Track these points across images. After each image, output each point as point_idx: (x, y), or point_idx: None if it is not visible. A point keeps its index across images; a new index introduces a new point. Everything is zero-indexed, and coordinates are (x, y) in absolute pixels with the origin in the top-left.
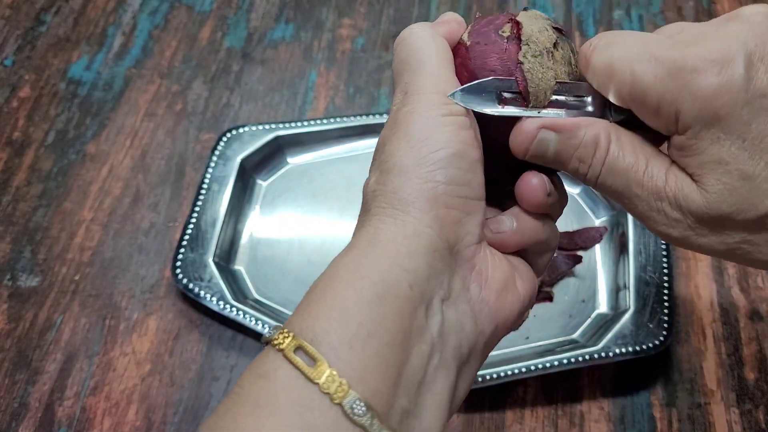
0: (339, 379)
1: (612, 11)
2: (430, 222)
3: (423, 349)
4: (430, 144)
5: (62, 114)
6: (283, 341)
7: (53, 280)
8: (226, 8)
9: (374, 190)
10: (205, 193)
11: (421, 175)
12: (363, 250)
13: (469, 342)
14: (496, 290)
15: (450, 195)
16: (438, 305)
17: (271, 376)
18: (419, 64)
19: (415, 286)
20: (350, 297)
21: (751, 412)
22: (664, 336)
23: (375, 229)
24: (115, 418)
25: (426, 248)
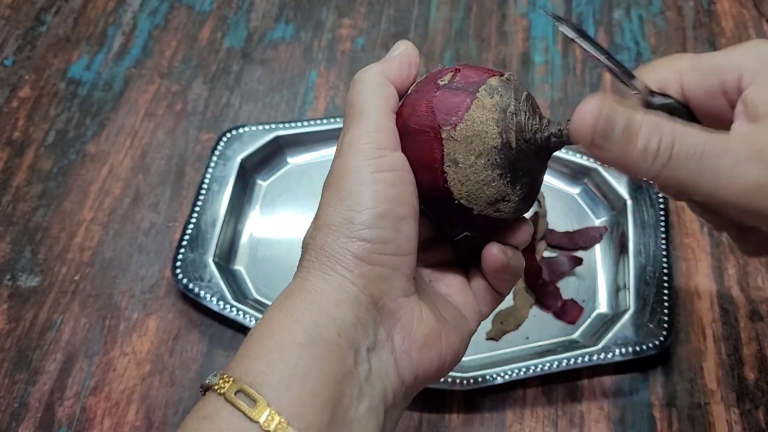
0: (278, 417)
1: (612, 11)
2: (354, 279)
3: (353, 392)
4: (357, 202)
5: (62, 114)
6: (224, 386)
7: (53, 280)
8: (226, 8)
9: (308, 243)
10: (205, 193)
11: (347, 234)
12: (294, 299)
13: (393, 388)
14: (418, 344)
15: (375, 253)
16: (365, 353)
17: (213, 416)
18: (361, 113)
19: (343, 334)
20: (285, 340)
21: (751, 412)
22: (664, 336)
23: (305, 280)
24: (115, 418)
25: (351, 302)
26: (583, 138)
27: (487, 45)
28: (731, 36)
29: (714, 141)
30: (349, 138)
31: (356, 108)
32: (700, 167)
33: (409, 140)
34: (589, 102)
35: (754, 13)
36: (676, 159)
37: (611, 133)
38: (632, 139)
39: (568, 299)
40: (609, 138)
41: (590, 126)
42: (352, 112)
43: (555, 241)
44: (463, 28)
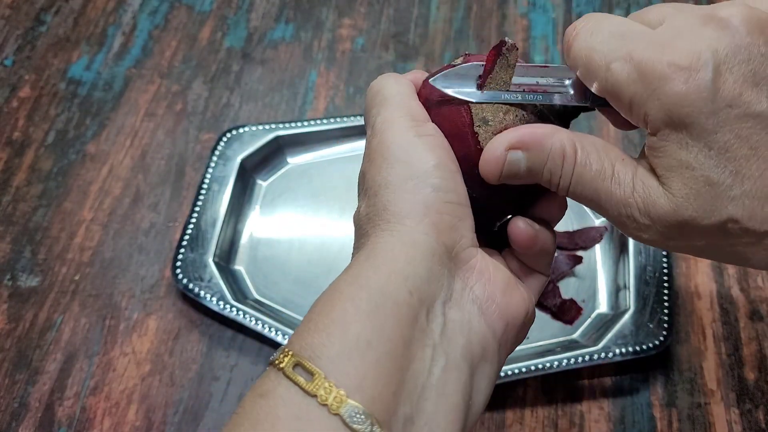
0: (336, 390)
1: (612, 11)
2: (425, 229)
3: (426, 353)
4: (410, 160)
5: (62, 114)
6: (283, 359)
7: (53, 280)
8: (226, 8)
9: (366, 213)
10: (205, 193)
11: (408, 188)
12: (361, 264)
13: (480, 340)
14: (501, 288)
15: (440, 201)
16: (440, 308)
17: (271, 394)
18: (384, 100)
19: (415, 291)
20: (348, 309)
21: (751, 412)
22: (664, 336)
23: (372, 244)
24: (115, 418)
25: (424, 254)
26: (492, 178)
27: (487, 45)
28: None
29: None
30: (381, 119)
31: (379, 98)
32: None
33: (434, 113)
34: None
35: None
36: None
37: (517, 171)
38: (537, 174)
39: (568, 299)
40: (516, 176)
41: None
42: (377, 101)
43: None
44: (463, 28)
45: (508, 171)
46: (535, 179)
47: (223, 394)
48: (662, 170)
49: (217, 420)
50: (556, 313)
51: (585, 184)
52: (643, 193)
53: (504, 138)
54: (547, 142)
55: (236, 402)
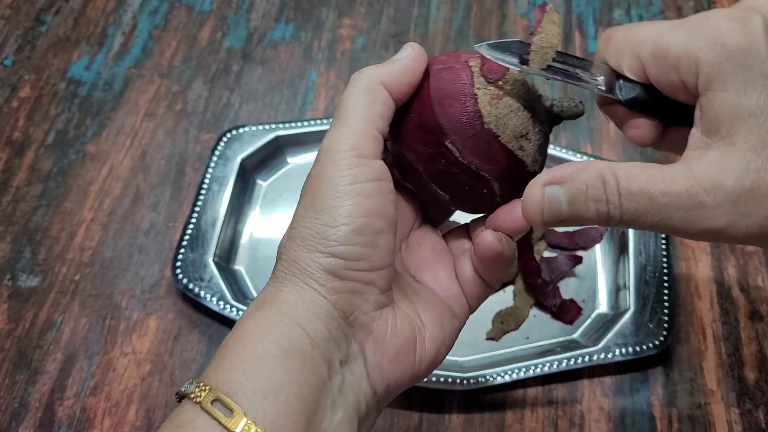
0: (255, 427)
1: (612, 11)
2: (326, 293)
3: (327, 403)
4: (332, 218)
5: (62, 114)
6: (200, 394)
7: (53, 280)
8: (226, 8)
9: (281, 253)
10: (205, 193)
11: (321, 249)
12: (268, 310)
13: (366, 399)
14: (390, 356)
15: (347, 269)
16: (338, 366)
17: (189, 425)
18: (344, 116)
19: (316, 346)
20: (259, 351)
21: (751, 412)
22: (664, 336)
23: (278, 291)
24: (115, 418)
25: (323, 316)
26: (536, 222)
27: None
28: None
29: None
30: (326, 144)
31: (340, 111)
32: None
33: (433, 78)
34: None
35: None
36: (628, 216)
37: (559, 209)
38: (581, 208)
39: (568, 299)
40: (558, 214)
41: (538, 211)
42: (337, 114)
43: (555, 241)
44: (463, 28)
45: (550, 209)
46: (581, 217)
47: None
48: (725, 128)
49: None
50: (556, 313)
51: (638, 197)
52: (705, 170)
53: (538, 178)
54: (583, 173)
55: None
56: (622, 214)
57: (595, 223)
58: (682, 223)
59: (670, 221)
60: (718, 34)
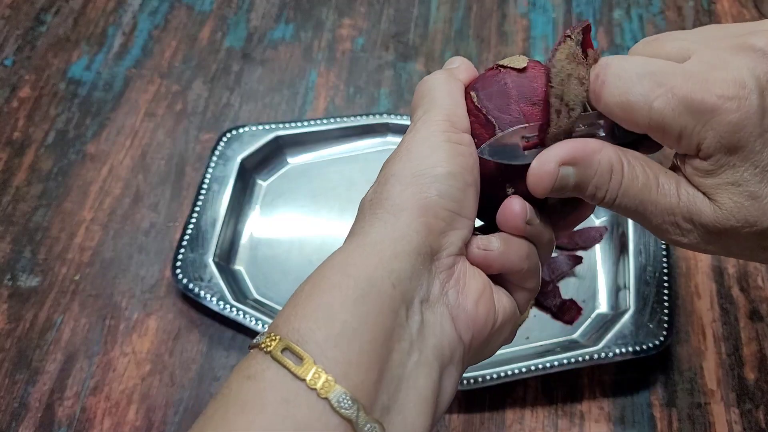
0: (325, 375)
1: (612, 11)
2: (418, 227)
3: (403, 346)
4: (428, 160)
5: (62, 114)
6: (270, 344)
7: (53, 280)
8: (226, 8)
9: (370, 199)
10: (205, 193)
11: (416, 185)
12: (351, 252)
13: (449, 344)
14: (472, 298)
15: (440, 207)
16: (418, 306)
17: (259, 376)
18: (431, 100)
19: (398, 285)
20: (335, 296)
21: (751, 412)
22: (664, 336)
23: (365, 231)
24: (115, 418)
25: (410, 251)
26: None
27: (487, 45)
28: None
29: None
30: (423, 117)
31: (427, 98)
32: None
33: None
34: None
35: (754, 13)
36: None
37: (566, 186)
38: (583, 188)
39: (568, 299)
40: (563, 190)
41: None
42: (424, 102)
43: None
44: (463, 28)
45: (558, 185)
46: (579, 193)
47: None
48: (708, 188)
49: None
50: (556, 313)
51: (631, 196)
52: (687, 202)
53: (555, 153)
54: (596, 158)
55: None
56: (613, 205)
57: (586, 198)
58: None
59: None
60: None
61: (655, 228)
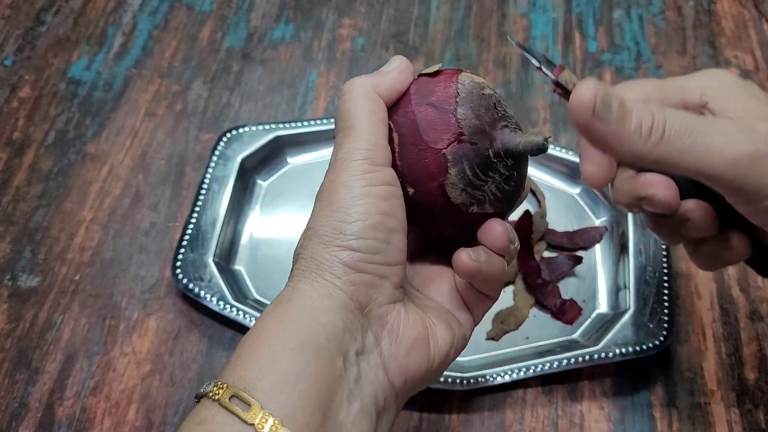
0: (272, 419)
1: (612, 11)
2: (342, 285)
3: (344, 393)
4: (349, 214)
5: (62, 114)
6: (218, 392)
7: (53, 280)
8: (226, 8)
9: (298, 254)
10: (205, 193)
11: (338, 243)
12: (284, 307)
13: (383, 392)
14: (405, 347)
15: (364, 261)
16: (354, 358)
17: (209, 422)
18: (352, 127)
19: (332, 339)
20: (276, 346)
21: (751, 412)
22: (664, 336)
23: (295, 288)
24: (115, 418)
25: (338, 307)
26: (586, 108)
27: (487, 45)
28: (731, 36)
29: (702, 120)
30: (342, 153)
31: (348, 122)
32: (692, 141)
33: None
34: (586, 82)
35: (754, 13)
36: (669, 134)
37: (608, 109)
38: (627, 117)
39: (568, 299)
40: (609, 109)
41: (590, 101)
42: (344, 125)
43: (555, 241)
44: (463, 28)
45: (604, 100)
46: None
47: None
48: None
49: None
50: (556, 313)
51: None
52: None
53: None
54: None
55: None
56: (666, 129)
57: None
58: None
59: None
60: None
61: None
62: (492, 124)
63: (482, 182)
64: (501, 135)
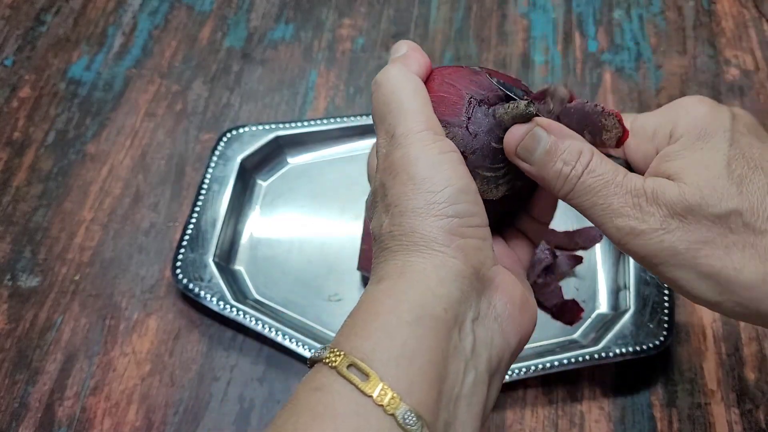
0: (391, 392)
1: (612, 11)
2: (453, 253)
3: (459, 366)
4: (434, 183)
5: (62, 114)
6: (335, 359)
7: (53, 280)
8: (226, 8)
9: (390, 231)
10: (205, 193)
11: (434, 213)
12: (396, 280)
13: (499, 355)
14: (519, 306)
15: (464, 226)
16: (469, 326)
17: (327, 389)
18: (400, 106)
19: (449, 309)
20: (392, 320)
21: (751, 412)
22: (664, 336)
23: (403, 262)
24: (116, 418)
25: (454, 276)
26: (509, 148)
27: (487, 45)
28: (731, 36)
29: (615, 182)
30: (401, 130)
31: (395, 103)
32: (593, 201)
33: None
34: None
35: (754, 13)
36: (578, 188)
37: (535, 149)
38: (549, 162)
39: (569, 299)
40: (532, 153)
41: (517, 138)
42: (391, 108)
43: (555, 241)
44: (463, 28)
45: (527, 143)
46: (545, 166)
47: (223, 394)
48: (675, 170)
49: (217, 420)
50: (557, 313)
51: (596, 177)
52: (654, 184)
53: (537, 119)
54: (568, 139)
55: (237, 402)
56: (577, 183)
57: (552, 182)
58: (615, 213)
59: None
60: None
61: (615, 211)
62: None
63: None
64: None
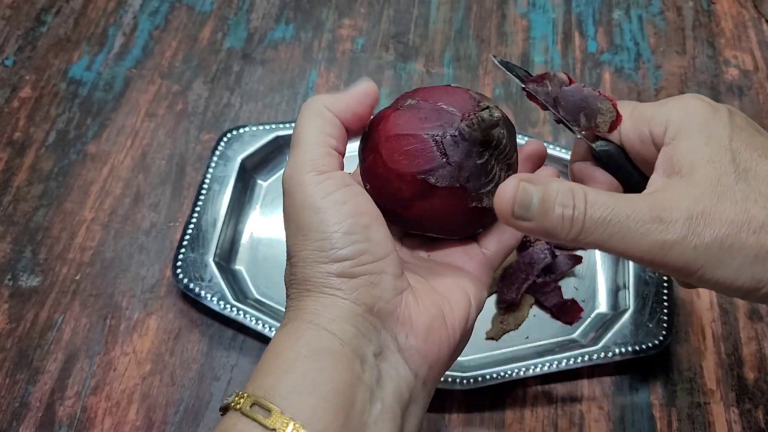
0: (293, 423)
1: (612, 11)
2: (344, 294)
3: (365, 396)
4: (320, 231)
5: (63, 114)
6: (240, 401)
7: (54, 279)
8: (226, 9)
9: (289, 280)
10: (206, 193)
11: (323, 261)
12: (293, 323)
13: (407, 386)
14: (422, 335)
15: (355, 266)
16: (372, 360)
17: (232, 430)
18: (297, 142)
19: (345, 344)
20: (291, 355)
21: (750, 412)
22: (663, 336)
23: (297, 307)
24: (116, 418)
25: (346, 315)
26: (505, 211)
27: (487, 45)
28: (731, 36)
29: (621, 206)
30: (288, 172)
31: (294, 138)
32: (609, 232)
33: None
34: (507, 183)
35: (754, 13)
36: (589, 225)
37: (530, 203)
38: (548, 212)
39: (568, 299)
40: (528, 208)
41: (510, 199)
42: (293, 142)
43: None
44: (463, 28)
45: (522, 200)
46: (548, 217)
47: (224, 394)
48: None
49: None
50: (556, 313)
51: (603, 207)
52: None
53: (514, 176)
54: (554, 182)
55: None
56: (585, 220)
57: (558, 229)
58: (638, 235)
59: (627, 233)
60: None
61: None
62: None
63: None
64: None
